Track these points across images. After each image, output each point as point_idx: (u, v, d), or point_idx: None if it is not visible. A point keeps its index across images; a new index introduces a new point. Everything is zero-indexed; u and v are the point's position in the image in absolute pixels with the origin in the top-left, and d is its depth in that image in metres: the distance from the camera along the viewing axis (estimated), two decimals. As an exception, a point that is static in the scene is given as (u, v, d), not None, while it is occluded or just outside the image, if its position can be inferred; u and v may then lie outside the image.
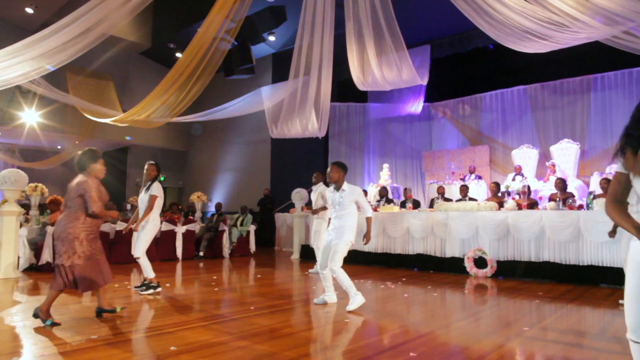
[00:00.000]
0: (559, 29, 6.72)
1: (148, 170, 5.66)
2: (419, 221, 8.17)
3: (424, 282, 6.71)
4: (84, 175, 4.10)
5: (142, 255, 5.51)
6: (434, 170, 14.04)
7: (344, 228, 4.74)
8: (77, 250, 3.92)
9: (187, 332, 3.76)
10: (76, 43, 8.09)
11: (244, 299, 5.40)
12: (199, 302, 5.17)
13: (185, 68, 8.64)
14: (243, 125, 16.08)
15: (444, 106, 14.65)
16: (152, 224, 5.57)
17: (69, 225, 3.93)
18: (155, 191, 5.55)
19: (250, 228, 11.36)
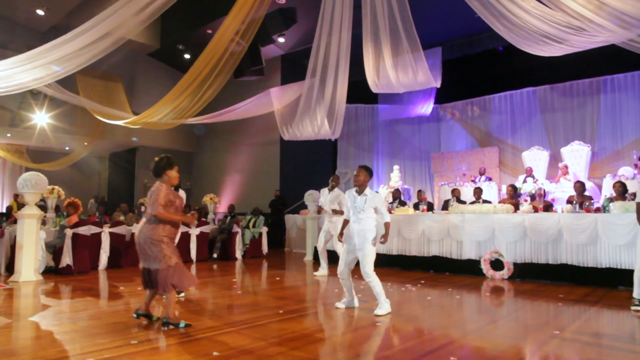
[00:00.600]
0: (576, 33, 6.76)
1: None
2: (435, 223, 8.21)
3: (443, 285, 6.76)
4: (159, 181, 4.18)
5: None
6: (443, 171, 14.09)
7: (365, 231, 4.75)
8: (166, 252, 4.04)
9: (223, 337, 3.81)
10: (91, 49, 8.10)
11: (268, 302, 5.45)
12: (225, 306, 5.21)
13: (200, 73, 8.68)
14: (251, 127, 16.11)
15: (453, 107, 14.70)
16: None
17: (150, 232, 4.04)
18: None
19: (262, 230, 11.41)
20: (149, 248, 4.02)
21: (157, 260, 4.01)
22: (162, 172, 4.19)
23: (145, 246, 4.04)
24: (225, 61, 8.74)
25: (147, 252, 4.04)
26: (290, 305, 5.25)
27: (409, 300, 5.65)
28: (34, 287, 6.50)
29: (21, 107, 13.75)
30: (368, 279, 4.72)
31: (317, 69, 9.30)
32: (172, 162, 4.26)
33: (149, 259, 4.05)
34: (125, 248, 8.88)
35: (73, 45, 7.31)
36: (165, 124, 11.13)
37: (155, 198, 4.03)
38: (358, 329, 4.24)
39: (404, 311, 4.98)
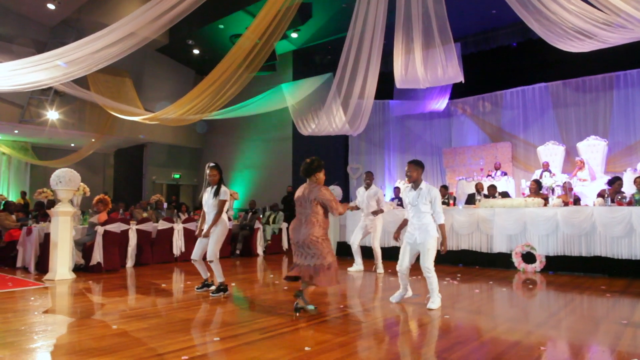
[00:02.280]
0: (610, 29, 6.83)
1: (211, 174, 5.62)
2: (464, 217, 8.27)
3: (481, 278, 6.82)
4: (312, 182, 4.49)
5: (215, 259, 5.50)
6: (455, 166, 14.17)
7: (426, 225, 4.74)
8: (324, 250, 4.37)
9: (301, 332, 3.81)
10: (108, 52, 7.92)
11: (320, 298, 5.45)
12: (280, 303, 5.21)
13: (224, 71, 8.60)
14: (262, 122, 16.05)
15: (464, 103, 14.75)
16: (222, 227, 5.57)
17: (310, 231, 4.35)
18: (224, 196, 5.56)
19: (282, 225, 11.39)
20: (309, 247, 4.35)
21: (316, 257, 4.35)
22: (312, 173, 4.50)
23: (304, 246, 4.37)
24: (251, 59, 8.66)
25: (307, 250, 4.36)
26: (345, 300, 5.26)
27: (458, 294, 5.70)
28: (70, 285, 6.43)
29: (30, 103, 13.55)
30: (428, 274, 4.73)
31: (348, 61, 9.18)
32: (322, 165, 4.59)
33: (308, 255, 4.36)
34: (151, 245, 8.83)
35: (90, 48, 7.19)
36: (179, 120, 11.01)
37: (329, 199, 4.37)
38: (432, 322, 4.26)
39: (461, 305, 5.02)
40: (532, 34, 11.28)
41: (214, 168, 5.64)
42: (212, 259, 5.46)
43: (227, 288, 5.58)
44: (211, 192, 5.58)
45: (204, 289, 5.75)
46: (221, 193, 5.54)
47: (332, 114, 10.37)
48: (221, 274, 5.52)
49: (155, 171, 17.44)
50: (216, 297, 5.40)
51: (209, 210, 5.56)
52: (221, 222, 5.53)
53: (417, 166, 4.89)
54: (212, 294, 5.46)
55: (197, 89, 9.20)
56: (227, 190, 5.63)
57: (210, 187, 5.63)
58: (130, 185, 17.73)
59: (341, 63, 8.79)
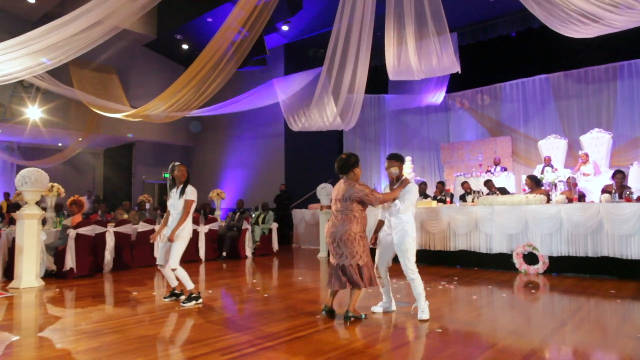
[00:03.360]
0: (617, 11, 6.33)
1: (179, 171, 5.14)
2: (462, 216, 7.77)
3: (479, 281, 6.32)
4: (345, 177, 4.31)
5: (178, 266, 5.00)
6: (453, 162, 13.69)
7: (404, 224, 4.24)
8: (360, 249, 4.17)
9: (272, 353, 3.32)
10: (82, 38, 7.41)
11: (305, 307, 4.95)
12: (256, 314, 4.72)
13: (204, 65, 8.11)
14: (253, 119, 15.56)
15: (462, 96, 14.28)
16: (186, 232, 5.07)
17: (347, 227, 4.15)
18: (191, 195, 5.07)
19: (272, 226, 10.90)
20: (345, 244, 4.15)
21: (350, 256, 4.15)
22: (350, 169, 4.29)
23: (341, 243, 4.17)
24: (231, 52, 8.17)
25: (342, 248, 4.17)
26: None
27: (454, 300, 5.20)
28: (36, 294, 5.95)
29: (12, 101, 13.05)
30: (412, 276, 4.20)
31: (336, 55, 8.72)
32: (359, 159, 4.40)
33: (342, 254, 4.18)
34: (131, 248, 8.34)
35: (63, 33, 6.68)
36: (166, 117, 10.53)
37: (365, 193, 4.15)
38: (418, 338, 3.77)
39: (456, 315, 4.52)
40: (532, 22, 10.82)
41: (182, 165, 5.15)
42: (175, 267, 4.97)
43: (199, 296, 5.09)
44: (177, 192, 5.08)
45: (172, 298, 5.26)
46: (187, 192, 5.05)
47: (322, 109, 9.88)
48: (189, 281, 5.03)
49: (145, 170, 16.93)
50: (188, 307, 4.91)
51: (174, 211, 5.07)
52: (186, 225, 5.04)
53: (399, 161, 4.38)
54: (182, 304, 4.97)
55: (180, 82, 8.72)
56: (194, 190, 5.13)
57: (176, 187, 5.14)
58: (120, 186, 17.24)
59: (328, 54, 8.30)
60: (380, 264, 4.44)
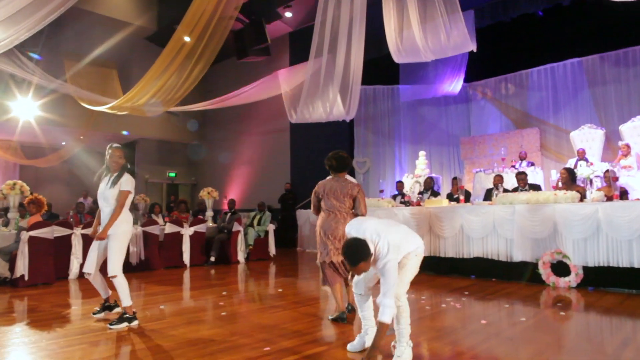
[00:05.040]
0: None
1: (113, 156, 4.17)
2: (476, 217, 6.58)
3: (497, 297, 5.14)
4: (344, 177, 4.26)
5: (120, 273, 4.04)
6: (474, 157, 12.39)
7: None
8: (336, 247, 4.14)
9: None
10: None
11: (258, 332, 3.91)
12: (194, 342, 3.70)
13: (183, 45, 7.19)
14: (258, 113, 14.66)
15: (484, 86, 12.96)
16: (124, 229, 4.10)
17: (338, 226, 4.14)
18: (126, 185, 4.10)
19: (269, 227, 9.90)
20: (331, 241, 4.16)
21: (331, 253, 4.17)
22: (348, 168, 4.30)
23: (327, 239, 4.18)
24: (212, 30, 7.22)
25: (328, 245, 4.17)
26: (297, 337, 3.70)
27: (458, 325, 4.04)
28: (-30, 306, 5.10)
29: (4, 97, 12.47)
30: (398, 304, 2.97)
31: (325, 35, 7.73)
32: None
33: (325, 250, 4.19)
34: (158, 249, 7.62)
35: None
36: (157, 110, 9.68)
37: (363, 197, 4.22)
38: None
39: (460, 347, 3.38)
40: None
41: (118, 149, 4.17)
42: (115, 274, 4.00)
43: (135, 316, 4.10)
44: (110, 181, 4.11)
45: (103, 312, 4.31)
46: (123, 182, 4.07)
47: (318, 98, 8.84)
48: (128, 295, 4.06)
49: (149, 169, 16.22)
50: (116, 329, 3.93)
51: (105, 204, 4.10)
52: (123, 222, 4.07)
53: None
54: (110, 326, 3.98)
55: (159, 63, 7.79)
56: (132, 179, 4.16)
57: (110, 174, 4.16)
58: (123, 185, 16.56)
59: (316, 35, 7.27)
60: (359, 281, 3.30)
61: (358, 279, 3.30)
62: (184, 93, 8.74)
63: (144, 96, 8.58)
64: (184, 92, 8.69)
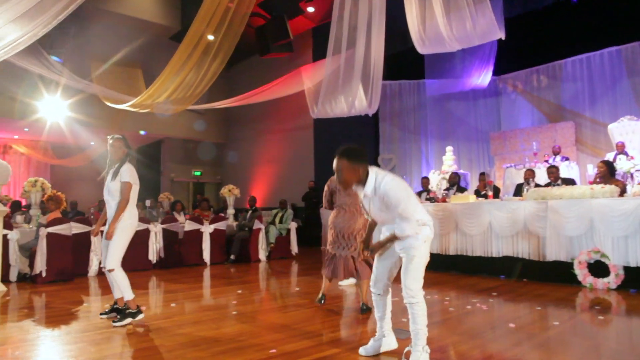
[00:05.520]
0: None
1: (113, 146, 4.05)
2: (505, 214, 6.20)
3: (527, 299, 4.78)
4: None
5: (118, 267, 3.90)
6: (505, 153, 11.88)
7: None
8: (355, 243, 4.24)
9: None
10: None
11: (268, 333, 3.70)
12: (196, 343, 3.51)
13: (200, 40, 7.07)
14: (281, 111, 14.51)
15: (514, 78, 12.41)
16: (129, 222, 3.96)
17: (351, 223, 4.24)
18: (127, 176, 3.94)
19: (291, 225, 9.72)
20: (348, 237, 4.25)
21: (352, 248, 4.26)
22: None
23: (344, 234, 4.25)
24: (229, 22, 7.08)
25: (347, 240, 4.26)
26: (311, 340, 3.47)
27: (483, 329, 3.72)
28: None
29: (32, 98, 12.70)
30: (410, 300, 2.71)
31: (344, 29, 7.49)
32: None
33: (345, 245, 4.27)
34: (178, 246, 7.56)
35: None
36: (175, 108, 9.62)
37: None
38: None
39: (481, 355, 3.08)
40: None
41: (119, 139, 4.05)
42: (112, 267, 3.86)
43: (140, 311, 3.95)
44: (112, 173, 3.98)
45: (111, 314, 4.18)
46: (122, 172, 3.93)
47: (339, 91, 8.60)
48: (129, 289, 3.91)
49: (174, 168, 16.32)
50: (120, 326, 3.80)
51: (110, 198, 3.97)
52: (127, 216, 3.92)
53: (354, 162, 2.78)
54: (114, 323, 3.85)
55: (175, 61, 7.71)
56: (132, 169, 4.00)
57: (113, 167, 4.04)
58: (150, 184, 16.73)
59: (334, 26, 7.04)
60: (379, 276, 2.99)
61: (377, 277, 2.98)
62: (203, 90, 8.65)
63: (163, 93, 8.53)
64: (203, 89, 8.60)
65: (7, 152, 15.81)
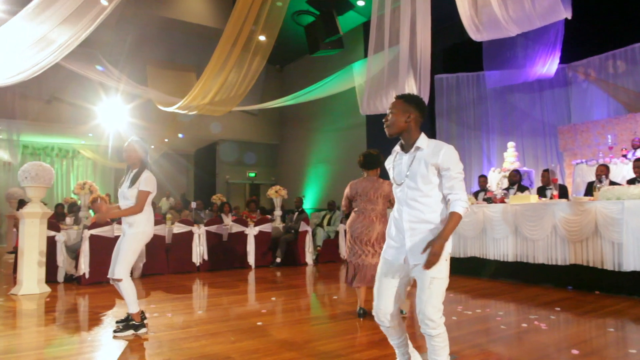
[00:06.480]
0: None
1: (128, 150, 3.84)
2: (573, 216, 5.45)
3: (599, 315, 4.08)
4: (374, 176, 4.20)
5: (126, 277, 3.68)
6: (576, 148, 10.78)
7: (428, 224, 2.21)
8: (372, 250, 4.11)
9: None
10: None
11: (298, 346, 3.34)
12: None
13: (239, 34, 6.88)
14: (334, 109, 14.19)
15: (586, 65, 11.24)
16: (143, 228, 3.73)
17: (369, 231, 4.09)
18: (146, 185, 3.71)
19: (339, 228, 9.33)
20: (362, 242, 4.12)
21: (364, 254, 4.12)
22: (379, 166, 4.18)
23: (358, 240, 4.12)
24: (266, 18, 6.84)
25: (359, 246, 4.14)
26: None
27: (548, 354, 3.14)
28: (22, 303, 5.13)
29: (93, 103, 13.24)
30: (430, 331, 2.15)
31: (386, 22, 7.05)
32: None
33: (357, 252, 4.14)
34: (166, 251, 7.42)
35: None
36: (223, 108, 9.56)
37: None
38: None
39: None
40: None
41: (131, 143, 3.84)
42: (120, 277, 3.64)
43: (143, 323, 3.72)
44: (128, 179, 3.79)
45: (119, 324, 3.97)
46: (142, 180, 3.71)
47: (388, 87, 8.11)
48: (134, 301, 3.67)
49: (229, 170, 16.46)
50: (122, 337, 3.60)
51: (124, 204, 3.77)
52: (143, 222, 3.71)
53: (408, 104, 2.30)
54: (115, 333, 3.66)
55: (216, 59, 7.59)
56: (152, 178, 3.78)
57: (130, 172, 3.84)
58: (206, 186, 17.01)
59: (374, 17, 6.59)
60: (385, 302, 2.30)
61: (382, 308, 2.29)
62: (247, 89, 8.49)
63: (207, 94, 8.46)
64: (247, 88, 8.43)
65: (76, 157, 16.69)
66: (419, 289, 2.18)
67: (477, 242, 6.61)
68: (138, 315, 3.68)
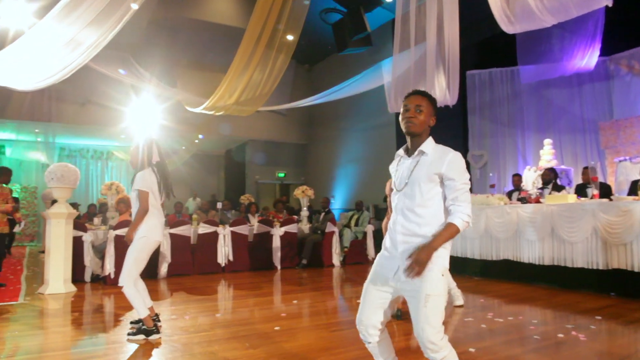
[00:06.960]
0: None
1: (130, 154, 3.81)
2: (615, 217, 5.08)
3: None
4: None
5: (128, 284, 3.56)
6: (619, 145, 10.20)
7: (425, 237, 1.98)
8: None
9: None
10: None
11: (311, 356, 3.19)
12: None
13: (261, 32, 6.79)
14: (362, 108, 13.99)
15: (630, 57, 10.61)
16: (148, 233, 3.61)
17: None
18: (139, 184, 3.60)
19: (367, 228, 9.12)
20: None
21: None
22: None
23: None
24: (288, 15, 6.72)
25: None
26: None
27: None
28: (49, 302, 5.18)
29: (125, 105, 13.48)
30: (435, 356, 1.92)
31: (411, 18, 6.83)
32: None
33: None
34: (192, 252, 7.40)
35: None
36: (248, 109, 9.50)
37: None
38: None
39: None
40: None
41: (133, 147, 3.78)
42: (122, 284, 3.54)
43: (156, 328, 3.61)
44: (131, 182, 3.72)
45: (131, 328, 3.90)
46: (136, 181, 3.61)
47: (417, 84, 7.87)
48: (142, 305, 3.56)
49: (258, 170, 16.47)
50: (134, 340, 3.52)
51: (134, 209, 3.70)
52: (140, 229, 3.60)
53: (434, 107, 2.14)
54: (129, 335, 3.58)
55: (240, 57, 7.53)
56: (145, 177, 3.64)
57: None
58: (236, 186, 17.09)
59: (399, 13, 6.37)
60: (368, 313, 2.09)
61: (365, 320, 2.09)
62: (272, 87, 8.40)
63: (233, 93, 8.42)
64: (272, 86, 8.35)
65: (110, 158, 17.07)
66: (414, 310, 1.94)
67: (510, 244, 6.29)
68: (149, 319, 3.60)
